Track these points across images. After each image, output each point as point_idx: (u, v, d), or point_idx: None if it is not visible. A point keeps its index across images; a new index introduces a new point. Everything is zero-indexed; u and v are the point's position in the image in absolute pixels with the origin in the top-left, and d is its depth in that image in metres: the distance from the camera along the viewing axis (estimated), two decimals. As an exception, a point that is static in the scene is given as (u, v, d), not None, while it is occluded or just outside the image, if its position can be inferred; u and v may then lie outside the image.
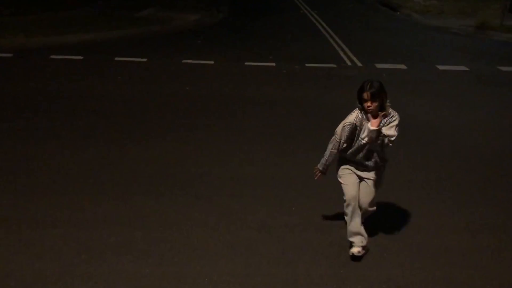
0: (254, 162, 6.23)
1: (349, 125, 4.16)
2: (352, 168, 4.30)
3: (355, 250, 4.24)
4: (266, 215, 4.99)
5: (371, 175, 4.27)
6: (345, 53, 12.79)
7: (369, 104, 3.97)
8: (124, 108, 8.11)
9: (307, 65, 11.32)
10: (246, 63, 11.32)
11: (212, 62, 11.30)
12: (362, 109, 4.08)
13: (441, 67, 11.48)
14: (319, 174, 4.40)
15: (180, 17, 17.16)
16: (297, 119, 7.79)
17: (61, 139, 6.75)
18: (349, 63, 11.84)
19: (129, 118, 7.68)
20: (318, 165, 4.38)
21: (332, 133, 4.27)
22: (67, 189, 5.41)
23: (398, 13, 21.00)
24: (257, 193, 5.41)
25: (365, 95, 3.97)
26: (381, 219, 4.87)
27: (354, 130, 4.16)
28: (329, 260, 4.30)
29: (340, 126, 4.20)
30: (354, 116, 4.15)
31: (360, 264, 4.26)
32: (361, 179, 4.30)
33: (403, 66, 11.48)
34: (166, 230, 4.67)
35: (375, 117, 4.01)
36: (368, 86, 3.97)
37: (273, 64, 11.33)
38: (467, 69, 11.44)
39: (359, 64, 11.72)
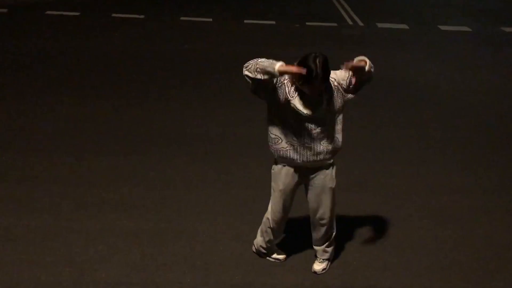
0: (251, 122, 6.21)
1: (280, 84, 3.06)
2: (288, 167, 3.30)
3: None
4: (262, 174, 4.99)
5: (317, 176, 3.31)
6: (346, 12, 12.57)
7: (316, 91, 2.97)
8: (121, 67, 8.02)
9: (307, 23, 11.14)
10: (245, 21, 11.13)
11: (211, 20, 11.11)
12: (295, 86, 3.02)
13: (443, 28, 11.30)
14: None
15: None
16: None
17: (56, 97, 6.71)
18: (350, 22, 11.65)
19: (126, 76, 7.61)
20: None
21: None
22: (65, 146, 5.41)
23: (402, -29, 20.51)
24: (253, 152, 5.42)
25: (316, 84, 2.92)
26: (379, 178, 4.91)
27: (272, 92, 3.09)
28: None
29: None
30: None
31: (356, 224, 4.31)
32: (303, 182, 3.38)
33: (405, 26, 11.31)
34: (164, 188, 4.71)
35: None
36: (319, 71, 2.88)
37: (273, 22, 11.14)
38: (469, 29, 11.27)
39: (361, 23, 11.54)
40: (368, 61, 3.05)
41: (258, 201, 4.55)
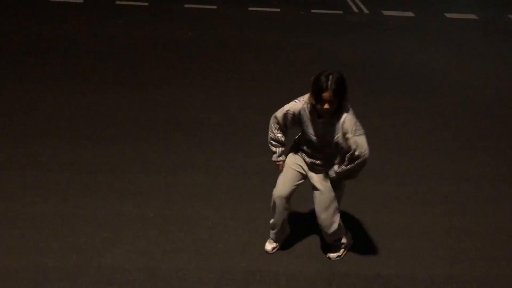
0: (254, 108, 6.20)
1: (291, 113, 3.33)
2: (301, 157, 3.52)
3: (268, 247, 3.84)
4: (267, 161, 5.00)
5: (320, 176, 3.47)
6: (352, -1, 12.46)
7: (327, 106, 3.04)
8: (125, 53, 7.99)
9: (312, 11, 11.06)
10: (250, 8, 11.06)
11: (215, 7, 11.03)
12: (312, 105, 3.15)
13: (449, 15, 11.20)
14: (281, 163, 3.62)
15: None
16: (300, 67, 7.68)
17: (60, 83, 6.70)
18: (355, 9, 11.55)
19: (130, 63, 7.58)
20: (273, 158, 3.62)
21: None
22: (70, 133, 5.41)
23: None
24: (257, 139, 5.40)
25: (326, 96, 2.99)
26: (385, 166, 4.90)
27: (298, 122, 3.36)
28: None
29: (280, 112, 3.42)
30: (299, 107, 3.29)
31: (361, 212, 4.31)
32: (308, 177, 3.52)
33: (410, 14, 11.21)
34: (169, 175, 4.72)
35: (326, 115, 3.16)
36: (329, 84, 2.97)
37: (278, 9, 11.06)
38: (476, 17, 11.17)
39: (366, 10, 11.44)
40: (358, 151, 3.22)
41: (263, 188, 4.56)
